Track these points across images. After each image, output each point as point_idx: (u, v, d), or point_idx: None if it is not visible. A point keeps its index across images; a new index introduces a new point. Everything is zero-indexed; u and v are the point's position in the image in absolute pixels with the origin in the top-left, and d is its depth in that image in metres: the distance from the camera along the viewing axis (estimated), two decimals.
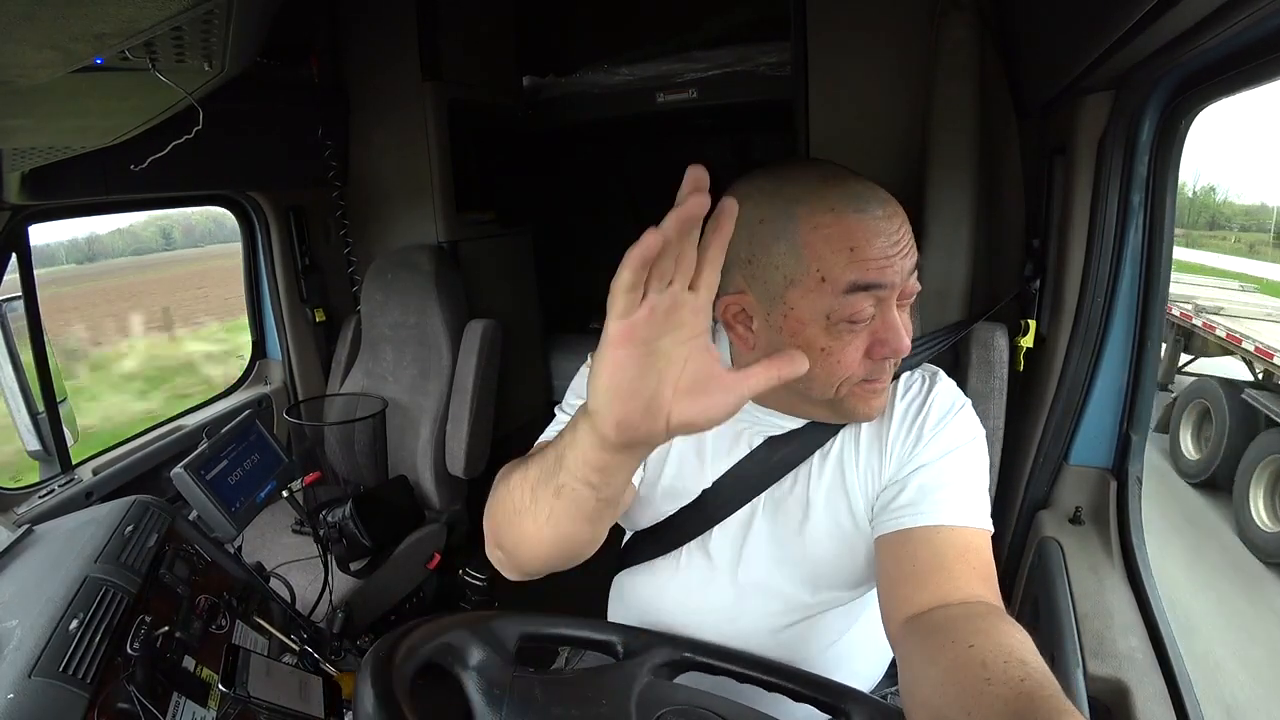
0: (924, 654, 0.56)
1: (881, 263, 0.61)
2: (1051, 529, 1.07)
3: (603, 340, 0.43)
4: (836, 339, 0.64)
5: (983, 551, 0.64)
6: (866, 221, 0.61)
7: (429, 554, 1.71)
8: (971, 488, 0.68)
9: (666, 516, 0.81)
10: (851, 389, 0.67)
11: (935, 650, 0.55)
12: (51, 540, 0.89)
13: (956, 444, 0.70)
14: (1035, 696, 0.46)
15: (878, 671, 0.88)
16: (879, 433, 0.74)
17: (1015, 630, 0.55)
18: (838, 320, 0.62)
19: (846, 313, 0.62)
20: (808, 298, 0.63)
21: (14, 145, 0.98)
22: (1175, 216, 0.99)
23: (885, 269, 0.61)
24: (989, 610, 0.58)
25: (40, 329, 1.38)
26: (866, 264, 0.61)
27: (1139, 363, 1.05)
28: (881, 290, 0.62)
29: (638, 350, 0.43)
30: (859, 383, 0.66)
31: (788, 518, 0.78)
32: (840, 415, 0.72)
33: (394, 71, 1.87)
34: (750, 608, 0.79)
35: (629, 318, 0.42)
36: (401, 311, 1.82)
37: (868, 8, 1.34)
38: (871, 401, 0.68)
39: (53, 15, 0.51)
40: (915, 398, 0.75)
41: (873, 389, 0.68)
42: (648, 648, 0.68)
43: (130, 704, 0.67)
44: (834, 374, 0.65)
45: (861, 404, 0.68)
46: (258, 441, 1.20)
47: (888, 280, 0.61)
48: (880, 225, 0.62)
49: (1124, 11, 0.64)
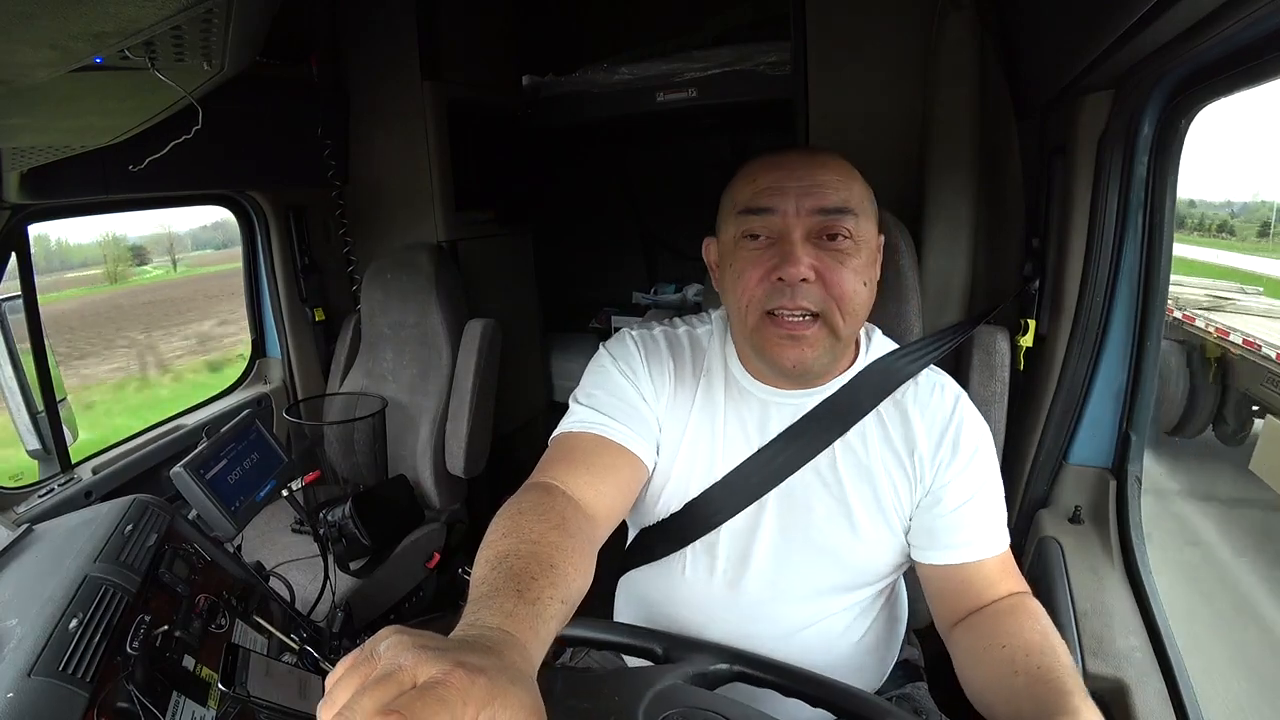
0: (970, 654, 0.71)
1: (772, 190, 0.71)
2: (1051, 528, 1.07)
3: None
4: (740, 257, 0.73)
5: (1009, 557, 0.77)
6: (775, 158, 0.73)
7: (428, 553, 1.71)
8: (999, 512, 0.78)
9: (673, 513, 0.81)
10: (761, 323, 0.72)
11: (980, 651, 0.69)
12: (51, 539, 0.89)
13: (987, 465, 0.78)
14: (1049, 683, 0.60)
15: (883, 672, 0.88)
16: (908, 438, 0.77)
17: (1036, 621, 0.69)
18: (738, 238, 0.73)
19: (742, 229, 0.73)
20: (726, 223, 0.76)
21: (14, 145, 0.98)
22: (1175, 216, 0.99)
23: (774, 195, 0.70)
24: (1016, 605, 0.72)
25: (40, 329, 1.37)
26: (760, 191, 0.71)
27: (1139, 362, 1.05)
28: (770, 214, 0.71)
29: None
30: (765, 316, 0.71)
31: (801, 516, 0.78)
32: (768, 364, 0.75)
33: (394, 71, 1.87)
34: (755, 608, 0.79)
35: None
36: (401, 311, 1.82)
37: (868, 7, 1.34)
38: (784, 348, 0.72)
39: (52, 15, 0.51)
40: (940, 406, 0.79)
41: (781, 331, 0.71)
42: (687, 655, 0.67)
43: (130, 703, 0.67)
44: (741, 293, 0.72)
45: (772, 346, 0.72)
46: (257, 441, 1.20)
47: (774, 205, 0.70)
48: (787, 161, 0.72)
49: (1124, 11, 0.64)
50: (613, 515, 0.73)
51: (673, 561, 0.83)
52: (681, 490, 0.81)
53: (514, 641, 0.46)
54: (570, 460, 0.73)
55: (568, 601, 0.55)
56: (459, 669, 0.37)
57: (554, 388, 2.57)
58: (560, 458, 0.74)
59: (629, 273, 2.88)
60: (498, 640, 0.45)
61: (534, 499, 0.66)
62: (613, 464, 0.75)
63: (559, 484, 0.70)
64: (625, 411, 0.77)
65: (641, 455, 0.77)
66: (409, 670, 0.37)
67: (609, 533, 0.72)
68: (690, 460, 0.80)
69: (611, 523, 0.73)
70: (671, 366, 0.82)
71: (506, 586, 0.52)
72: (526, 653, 0.46)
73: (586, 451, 0.74)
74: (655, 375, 0.81)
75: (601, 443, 0.75)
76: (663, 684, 0.60)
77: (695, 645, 0.68)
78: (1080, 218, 1.03)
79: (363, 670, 0.38)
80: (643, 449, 0.77)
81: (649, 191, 2.76)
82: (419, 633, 0.40)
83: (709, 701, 0.59)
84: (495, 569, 0.54)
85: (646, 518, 0.85)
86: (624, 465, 0.76)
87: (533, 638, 0.48)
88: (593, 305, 2.79)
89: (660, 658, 0.68)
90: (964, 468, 0.76)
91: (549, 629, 0.51)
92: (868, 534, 0.77)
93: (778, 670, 0.65)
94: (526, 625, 0.48)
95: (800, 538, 0.78)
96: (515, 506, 0.64)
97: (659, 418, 0.80)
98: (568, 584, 0.56)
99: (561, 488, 0.69)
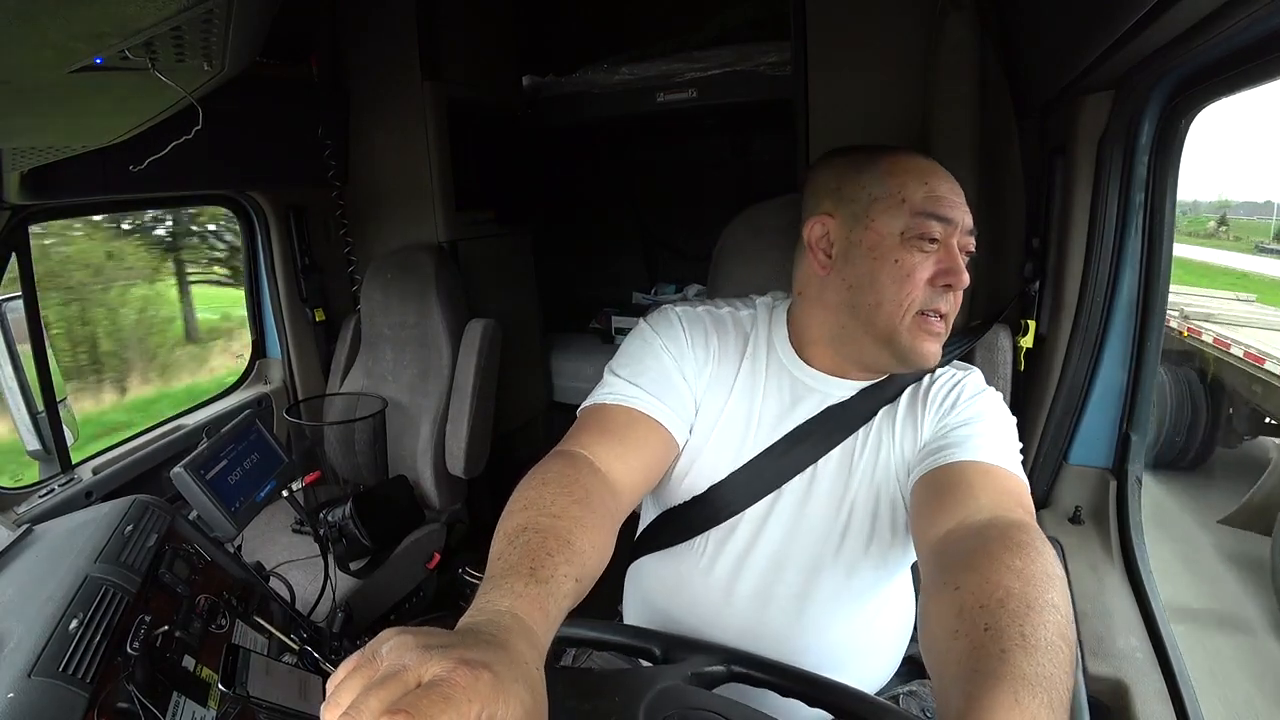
0: (928, 596, 0.55)
1: (951, 200, 0.73)
2: (1051, 528, 1.07)
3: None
4: (909, 254, 0.73)
5: (1011, 478, 0.66)
6: (937, 170, 0.75)
7: (429, 553, 1.71)
8: (1003, 441, 0.73)
9: (695, 495, 0.81)
10: (912, 321, 0.73)
11: (935, 593, 0.54)
12: (51, 540, 0.89)
13: (989, 412, 0.75)
14: (983, 655, 0.44)
15: (888, 670, 0.88)
16: (914, 412, 0.78)
17: (1015, 557, 0.51)
18: (911, 236, 0.72)
19: (919, 230, 0.72)
20: (888, 213, 0.74)
21: (14, 145, 0.98)
22: (1175, 216, 0.99)
23: (953, 207, 0.73)
24: (1003, 532, 0.55)
25: (40, 328, 1.37)
26: (939, 198, 0.73)
27: (1139, 362, 1.05)
28: (948, 224, 0.73)
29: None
30: (918, 314, 0.73)
31: (818, 504, 0.79)
32: (897, 356, 0.75)
33: (394, 71, 1.87)
34: (766, 604, 0.79)
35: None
36: (401, 311, 1.81)
37: (868, 7, 1.34)
38: (927, 343, 0.73)
39: (52, 15, 0.51)
40: (948, 381, 0.80)
41: (930, 327, 0.73)
42: (687, 655, 0.66)
43: (130, 703, 0.67)
44: (903, 290, 0.73)
45: (919, 341, 0.73)
46: (257, 441, 1.20)
47: (954, 217, 0.73)
48: (947, 176, 0.75)
49: (1124, 11, 0.64)
50: (637, 490, 0.74)
51: (683, 552, 0.83)
52: (709, 471, 0.81)
53: (522, 626, 0.46)
54: (602, 430, 0.73)
55: (582, 579, 0.55)
56: (463, 666, 0.37)
57: (554, 388, 2.57)
58: (591, 425, 0.74)
59: (629, 273, 2.87)
60: (505, 626, 0.45)
61: (559, 468, 0.66)
62: (644, 439, 0.75)
63: (587, 453, 0.70)
64: (663, 387, 0.77)
65: (675, 432, 0.77)
66: (413, 669, 0.37)
67: (632, 507, 0.73)
68: (723, 441, 0.80)
69: (636, 498, 0.74)
70: (716, 345, 0.82)
71: (521, 565, 0.52)
72: (534, 636, 0.46)
73: (619, 424, 0.74)
74: (698, 353, 0.81)
75: (635, 416, 0.75)
76: (662, 684, 0.60)
77: (693, 645, 0.68)
78: (1080, 218, 1.03)
79: (366, 671, 0.38)
80: (677, 426, 0.77)
81: (649, 191, 2.76)
82: (421, 630, 0.40)
83: (709, 702, 0.59)
84: (512, 543, 0.55)
85: (670, 498, 0.84)
86: (656, 441, 0.76)
87: (542, 618, 0.48)
88: (593, 305, 2.79)
89: (658, 658, 0.68)
90: (961, 410, 0.76)
91: (560, 607, 0.51)
92: (877, 530, 0.77)
93: (775, 670, 0.65)
94: (536, 606, 0.49)
95: (809, 533, 0.78)
96: (540, 476, 0.64)
97: (697, 398, 0.80)
98: (583, 561, 0.56)
99: (589, 457, 0.69)
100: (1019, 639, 0.45)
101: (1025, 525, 0.57)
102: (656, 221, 2.79)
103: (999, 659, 0.44)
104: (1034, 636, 0.45)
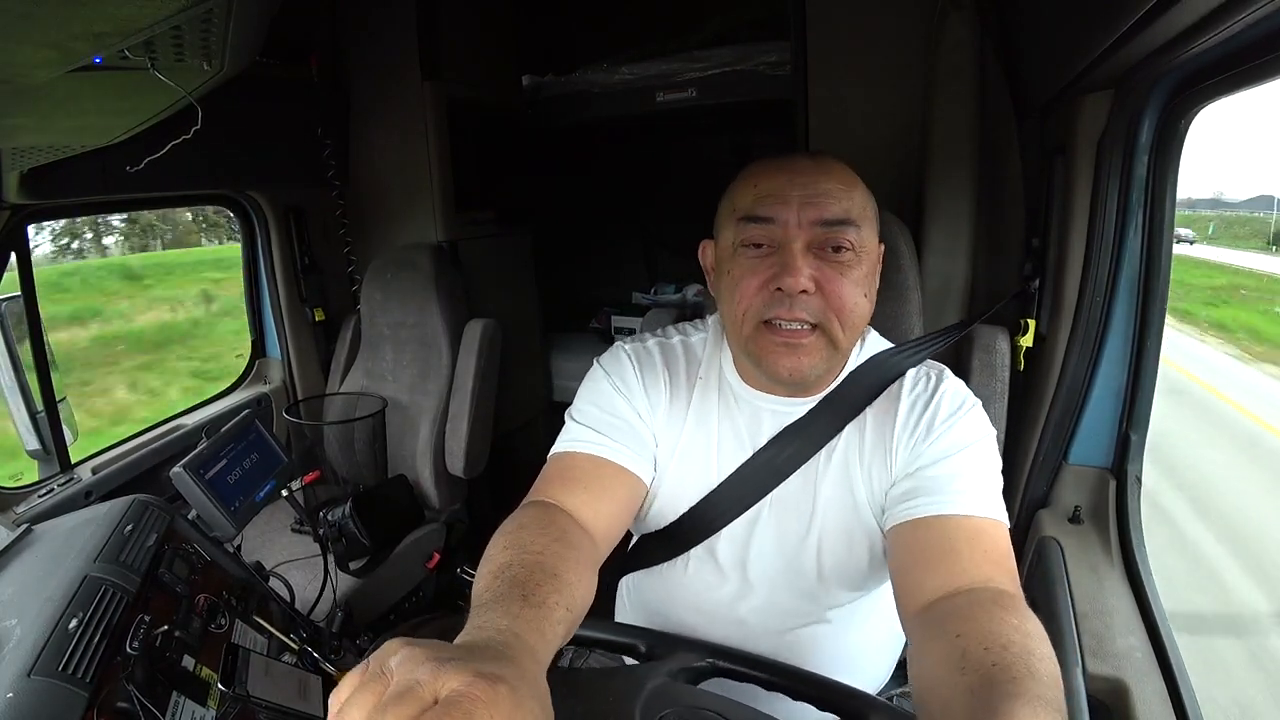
0: (922, 646, 0.57)
1: (773, 198, 0.68)
2: (1051, 528, 1.07)
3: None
4: (738, 264, 0.71)
5: (996, 538, 0.64)
6: (778, 164, 0.71)
7: (428, 553, 1.71)
8: (983, 481, 0.68)
9: (675, 519, 0.81)
10: (757, 332, 0.70)
11: (931, 642, 0.55)
12: (51, 539, 0.89)
13: (967, 441, 0.70)
14: (996, 682, 0.46)
15: (884, 673, 0.88)
16: (884, 429, 0.74)
17: (1011, 615, 0.53)
18: (738, 246, 0.71)
19: (742, 237, 0.70)
20: (725, 228, 0.74)
21: (14, 145, 0.98)
22: (1175, 215, 0.99)
23: (775, 204, 0.68)
24: (994, 597, 0.56)
25: (40, 328, 1.37)
26: (761, 199, 0.69)
27: (1138, 362, 1.05)
28: (771, 224, 0.68)
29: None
30: (761, 324, 0.70)
31: (794, 519, 0.78)
32: (765, 372, 0.73)
33: (394, 71, 1.87)
34: (757, 610, 0.79)
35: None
36: (401, 311, 1.81)
37: (868, 7, 1.34)
38: (779, 355, 0.69)
39: (52, 14, 0.51)
40: (921, 394, 0.75)
41: (777, 339, 0.69)
42: (671, 652, 0.67)
43: (129, 703, 0.67)
44: (738, 301, 0.70)
45: (768, 353, 0.70)
46: (257, 441, 1.20)
47: (777, 215, 0.68)
48: (789, 166, 0.70)
49: (1124, 11, 0.64)
50: (612, 534, 0.73)
51: (674, 565, 0.83)
52: (679, 499, 0.80)
53: (523, 644, 0.45)
54: (567, 480, 0.73)
55: (573, 609, 0.54)
56: (480, 680, 0.36)
57: (554, 388, 2.57)
58: (557, 476, 0.74)
59: (629, 273, 2.87)
60: (507, 643, 0.44)
61: (534, 514, 0.66)
62: (610, 483, 0.74)
63: (557, 504, 0.70)
64: (621, 429, 0.77)
65: (639, 473, 0.76)
66: (428, 685, 0.35)
67: (609, 551, 0.72)
68: (686, 469, 0.80)
69: (611, 541, 0.73)
70: (666, 378, 0.81)
71: (511, 593, 0.51)
72: (536, 655, 0.45)
73: (584, 471, 0.74)
74: (650, 389, 0.80)
75: (598, 463, 0.75)
76: (653, 684, 0.60)
77: (677, 642, 0.69)
78: (1080, 218, 1.03)
79: (374, 688, 0.36)
80: (640, 467, 0.77)
81: (649, 191, 2.76)
82: (428, 643, 0.39)
83: (707, 701, 0.59)
84: (498, 578, 0.54)
85: (646, 526, 0.85)
86: (621, 484, 0.75)
87: (540, 640, 0.47)
88: (593, 305, 2.79)
89: (643, 655, 0.68)
90: (936, 439, 0.70)
91: (556, 633, 0.50)
92: (863, 531, 0.77)
93: (758, 665, 0.66)
94: (533, 627, 0.48)
95: (796, 540, 0.78)
96: (515, 522, 0.64)
97: (655, 432, 0.80)
98: (572, 592, 0.55)
99: (560, 507, 0.69)
100: (1026, 671, 0.47)
101: (1015, 596, 0.58)
102: (656, 221, 2.79)
103: (1011, 684, 0.46)
104: (1039, 671, 0.48)
